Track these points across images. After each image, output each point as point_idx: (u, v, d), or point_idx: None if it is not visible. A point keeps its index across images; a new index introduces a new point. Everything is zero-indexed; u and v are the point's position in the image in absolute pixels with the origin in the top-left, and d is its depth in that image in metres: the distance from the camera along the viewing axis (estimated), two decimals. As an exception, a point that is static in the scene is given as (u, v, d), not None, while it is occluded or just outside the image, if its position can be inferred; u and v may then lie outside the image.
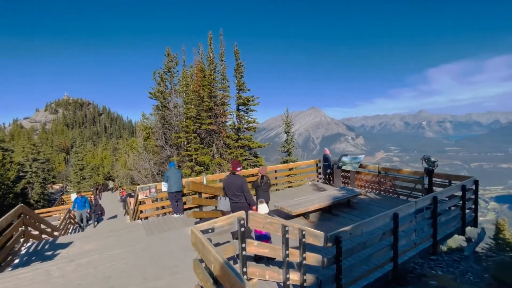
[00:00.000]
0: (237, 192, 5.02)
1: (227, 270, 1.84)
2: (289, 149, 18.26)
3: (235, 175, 5.18)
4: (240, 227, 3.18)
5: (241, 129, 13.93)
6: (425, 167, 8.15)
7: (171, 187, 8.23)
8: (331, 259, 4.26)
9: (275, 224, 3.60)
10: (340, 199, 8.57)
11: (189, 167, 12.54)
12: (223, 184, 5.26)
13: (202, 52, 15.28)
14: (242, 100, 13.31)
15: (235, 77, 13.66)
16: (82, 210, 12.61)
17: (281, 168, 11.98)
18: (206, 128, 13.27)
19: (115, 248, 5.50)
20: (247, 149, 13.63)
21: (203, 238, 2.54)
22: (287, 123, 18.75)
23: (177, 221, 7.87)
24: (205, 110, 13.18)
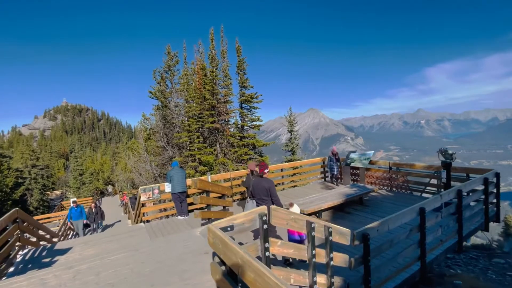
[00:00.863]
0: (264, 196, 4.78)
1: (267, 275, 1.43)
2: (293, 148, 17.86)
3: (262, 178, 4.90)
4: (262, 224, 2.77)
5: (244, 127, 13.55)
6: (442, 161, 7.73)
7: (175, 188, 7.81)
8: (359, 259, 3.85)
9: (299, 220, 3.19)
10: (352, 197, 8.16)
11: (193, 167, 12.12)
12: (246, 185, 5.36)
13: (203, 50, 14.94)
14: (245, 97, 12.92)
15: (238, 74, 13.29)
16: (78, 221, 11.58)
17: (286, 167, 11.55)
18: (209, 127, 12.84)
19: (118, 253, 5.07)
20: (251, 148, 13.23)
21: (226, 236, 2.12)
22: (290, 122, 18.35)
23: (181, 223, 7.43)
24: (207, 108, 12.79)
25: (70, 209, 11.73)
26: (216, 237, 2.26)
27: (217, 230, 2.28)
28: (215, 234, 2.27)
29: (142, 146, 14.96)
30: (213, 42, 13.57)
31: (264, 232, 2.79)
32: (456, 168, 8.34)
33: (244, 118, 13.47)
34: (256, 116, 13.34)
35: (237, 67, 13.20)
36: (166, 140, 13.95)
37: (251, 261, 1.65)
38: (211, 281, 3.26)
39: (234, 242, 1.99)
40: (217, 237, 2.23)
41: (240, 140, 13.09)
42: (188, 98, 13.37)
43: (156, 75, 15.52)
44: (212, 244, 2.36)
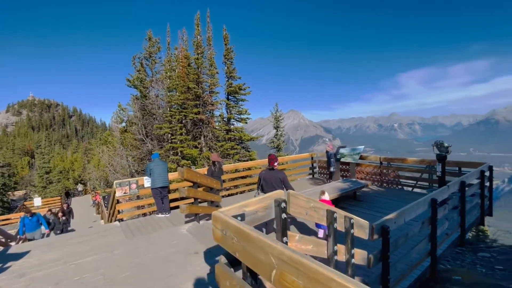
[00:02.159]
0: (277, 186, 4.67)
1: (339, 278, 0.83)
2: (279, 144, 17.43)
3: (274, 170, 4.83)
4: (280, 212, 2.16)
5: (231, 120, 12.81)
6: (437, 154, 7.56)
7: (155, 182, 6.97)
8: (377, 255, 3.35)
9: (319, 210, 2.62)
10: (347, 191, 7.76)
11: (174, 161, 11.17)
12: (259, 178, 4.94)
13: (186, 38, 13.96)
14: (232, 88, 12.18)
15: (224, 63, 12.52)
16: (35, 232, 8.85)
17: (263, 163, 10.90)
18: (193, 118, 11.93)
19: (86, 256, 4.20)
20: (238, 142, 12.53)
21: (245, 226, 1.48)
22: (277, 118, 17.91)
23: (163, 221, 6.60)
24: (191, 98, 11.89)
25: (22, 219, 8.73)
26: (227, 228, 1.60)
27: (229, 219, 1.63)
28: (226, 223, 1.61)
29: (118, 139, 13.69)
30: (198, 27, 12.66)
31: (282, 223, 2.18)
32: (448, 162, 8.25)
33: (230, 110, 12.73)
34: (243, 109, 12.67)
35: (224, 56, 12.42)
36: (145, 132, 12.82)
37: (304, 261, 1.03)
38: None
39: (262, 234, 1.36)
40: (230, 227, 1.58)
41: (226, 133, 12.34)
42: (171, 86, 12.36)
43: (135, 61, 14.28)
44: (221, 237, 1.70)
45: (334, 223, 2.63)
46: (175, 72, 12.76)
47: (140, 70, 13.96)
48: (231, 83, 12.29)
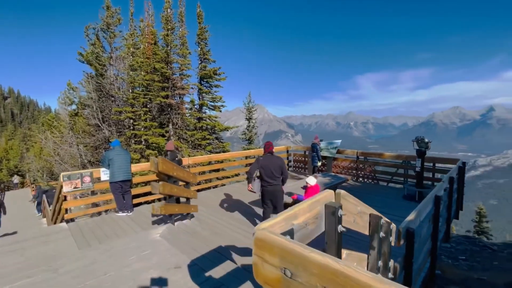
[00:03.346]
0: (276, 173, 4.58)
1: None
2: (251, 137, 16.74)
3: (273, 155, 4.73)
4: (336, 223, 1.45)
5: (203, 108, 11.64)
6: (417, 149, 7.59)
7: (116, 175, 5.77)
8: (401, 262, 2.88)
9: (364, 215, 1.99)
10: (330, 186, 7.40)
11: (138, 151, 9.72)
12: (255, 165, 4.66)
13: (153, 13, 12.18)
14: (206, 72, 10.98)
15: (198, 44, 11.21)
16: None
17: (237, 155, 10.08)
18: (161, 102, 10.48)
19: (16, 275, 3.02)
20: (211, 131, 11.46)
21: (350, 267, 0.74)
22: (249, 109, 17.15)
23: (126, 222, 5.46)
24: (159, 79, 10.39)
25: None
26: (298, 265, 0.84)
27: (302, 248, 0.86)
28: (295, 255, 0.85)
29: (66, 124, 11.53)
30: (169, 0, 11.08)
31: (338, 239, 1.48)
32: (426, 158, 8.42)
33: (203, 96, 11.54)
34: (217, 96, 11.58)
35: (198, 36, 11.10)
36: (102, 117, 10.96)
37: None
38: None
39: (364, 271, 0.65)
40: (305, 264, 0.82)
41: (198, 121, 11.16)
42: (134, 65, 10.67)
43: (89, 33, 12.02)
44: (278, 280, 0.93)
45: (380, 231, 2.02)
46: (141, 48, 11.06)
47: (95, 44, 11.83)
48: (205, 66, 11.08)
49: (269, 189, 4.70)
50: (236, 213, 6.22)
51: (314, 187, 5.11)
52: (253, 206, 6.76)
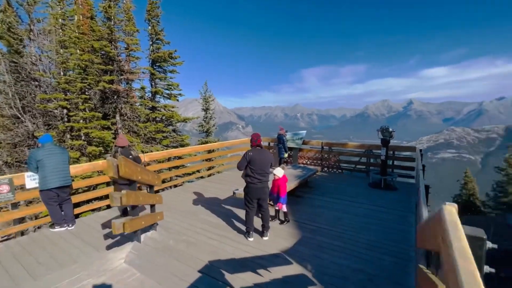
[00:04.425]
0: (267, 169, 4.26)
1: None
2: (209, 128, 15.73)
3: (262, 149, 4.30)
4: (482, 261, 0.93)
5: (157, 96, 10.09)
6: (382, 138, 7.85)
7: (49, 180, 4.44)
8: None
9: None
10: (303, 178, 7.16)
11: (76, 148, 7.87)
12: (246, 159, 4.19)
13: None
14: (160, 54, 9.44)
15: (148, 21, 9.51)
16: None
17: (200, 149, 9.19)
18: (104, 88, 8.63)
19: None
20: (167, 123, 10.06)
21: None
22: (206, 99, 16.02)
23: (67, 240, 4.22)
24: (101, 61, 8.50)
25: None
26: None
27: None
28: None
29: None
30: (110, -36, 9.09)
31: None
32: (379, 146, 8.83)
33: (156, 82, 10.02)
34: (174, 82, 10.17)
35: (148, 12, 9.42)
36: (21, 106, 8.53)
37: None
38: None
39: None
40: None
41: (151, 111, 9.66)
42: (67, 40, 8.48)
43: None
44: None
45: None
46: (74, 20, 8.85)
47: (6, 11, 9.05)
48: (158, 48, 9.55)
49: (258, 187, 4.21)
50: (207, 215, 5.45)
51: (282, 179, 4.82)
52: (225, 205, 6.06)
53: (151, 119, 9.76)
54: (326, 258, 3.85)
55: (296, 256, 3.89)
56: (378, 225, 4.98)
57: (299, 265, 3.68)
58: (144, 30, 9.85)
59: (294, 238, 4.47)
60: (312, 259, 3.80)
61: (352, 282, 3.26)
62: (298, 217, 5.38)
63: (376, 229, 4.82)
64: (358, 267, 3.59)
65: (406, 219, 5.28)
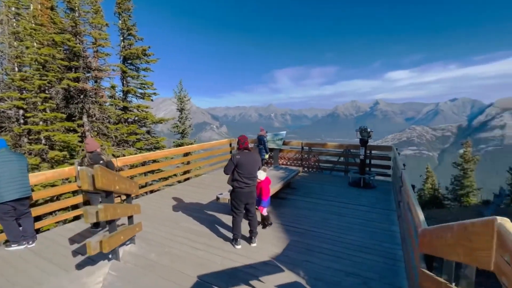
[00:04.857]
0: (255, 173, 4.07)
1: None
2: (184, 129, 15.13)
3: (250, 152, 4.09)
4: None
5: (129, 95, 9.33)
6: (360, 138, 8.06)
7: (5, 192, 3.87)
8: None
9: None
10: (286, 180, 7.12)
11: (35, 153, 6.95)
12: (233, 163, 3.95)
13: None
14: (132, 51, 8.71)
15: (118, 15, 8.73)
16: None
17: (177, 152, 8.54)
18: (69, 86, 7.74)
19: None
20: (141, 124, 9.35)
21: None
22: (181, 99, 15.40)
23: (28, 260, 3.67)
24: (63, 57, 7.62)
25: None
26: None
27: None
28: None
29: None
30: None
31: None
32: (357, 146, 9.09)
33: (128, 81, 9.27)
34: (147, 81, 9.49)
35: (118, 5, 8.67)
36: None
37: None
38: None
39: None
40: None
41: (123, 112, 8.91)
42: (22, 32, 7.46)
43: None
44: None
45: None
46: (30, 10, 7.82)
47: None
48: (130, 44, 8.83)
49: (245, 191, 4.02)
50: (189, 222, 5.14)
51: (264, 181, 4.69)
52: (208, 211, 5.78)
53: (123, 120, 9.04)
54: (317, 262, 3.77)
55: (287, 263, 3.76)
56: (363, 225, 5.04)
57: (291, 272, 3.56)
58: (114, 24, 9.11)
59: (282, 243, 4.34)
60: (304, 265, 3.70)
61: (347, 286, 3.20)
62: (285, 220, 5.27)
63: (362, 229, 4.86)
64: (350, 270, 3.55)
65: (389, 218, 5.42)
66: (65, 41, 7.78)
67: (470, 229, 1.16)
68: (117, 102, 9.04)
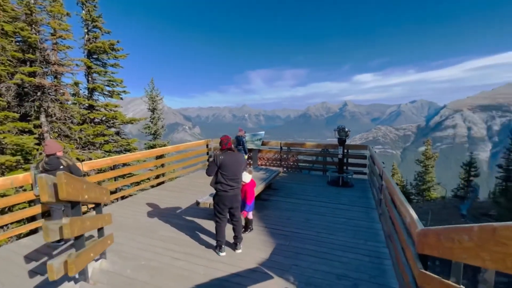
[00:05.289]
0: (240, 175, 3.87)
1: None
2: (157, 130, 14.38)
3: (234, 152, 3.86)
4: None
5: (95, 93, 8.44)
6: (338, 138, 8.20)
7: None
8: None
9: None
10: (268, 181, 7.01)
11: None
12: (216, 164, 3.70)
13: None
14: (98, 45, 7.87)
15: (82, 5, 7.85)
16: None
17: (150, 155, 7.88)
18: (23, 82, 6.75)
19: None
20: (109, 125, 8.53)
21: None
22: (152, 98, 14.62)
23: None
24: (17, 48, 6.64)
25: None
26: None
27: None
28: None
29: None
30: None
31: None
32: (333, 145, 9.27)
33: (94, 77, 8.41)
34: (117, 78, 8.70)
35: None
36: None
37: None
38: None
39: None
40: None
41: (89, 111, 8.04)
42: None
43: None
44: None
45: None
46: None
47: None
48: (97, 36, 7.99)
49: (230, 194, 3.79)
50: (167, 230, 4.78)
51: (250, 184, 4.50)
52: (186, 216, 5.43)
53: (89, 121, 8.21)
54: (306, 266, 3.66)
55: (275, 268, 3.60)
56: (346, 224, 5.06)
57: (280, 278, 3.40)
58: (77, 14, 8.24)
59: (268, 247, 4.18)
60: (293, 269, 3.57)
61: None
62: (269, 222, 5.12)
63: (345, 228, 4.88)
64: (340, 272, 3.49)
65: (369, 215, 5.51)
66: (17, 30, 6.85)
67: (504, 233, 1.06)
68: (82, 101, 8.19)
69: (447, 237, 1.60)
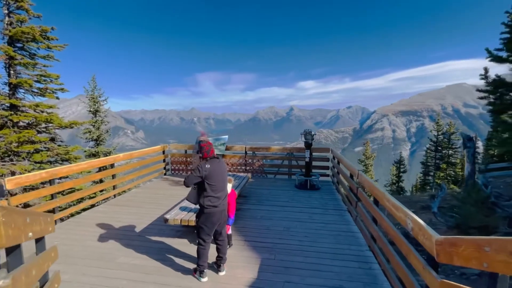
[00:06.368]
0: (225, 180, 3.42)
1: None
2: (100, 135, 12.54)
3: (221, 160, 3.42)
4: None
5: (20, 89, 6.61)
6: (305, 141, 8.27)
7: None
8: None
9: None
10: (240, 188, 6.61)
11: None
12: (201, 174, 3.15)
13: None
14: (24, 30, 6.13)
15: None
16: None
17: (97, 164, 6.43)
18: None
19: None
20: (41, 129, 6.76)
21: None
22: (94, 99, 12.73)
23: None
24: None
25: None
26: None
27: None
28: None
29: None
30: None
31: None
32: (300, 148, 9.39)
33: (18, 71, 6.56)
34: (51, 74, 6.97)
35: None
36: None
37: None
38: None
39: None
40: None
41: (10, 112, 6.22)
42: None
43: None
44: None
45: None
46: None
47: None
48: (23, 20, 6.24)
49: (219, 210, 3.28)
50: (129, 256, 3.98)
51: (231, 195, 4.16)
52: (150, 236, 4.65)
53: (11, 124, 6.42)
54: (298, 281, 3.40)
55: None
56: (325, 229, 5.00)
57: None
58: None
59: (254, 263, 3.79)
60: (286, 287, 3.26)
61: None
62: (248, 235, 4.73)
63: (326, 233, 4.80)
64: (334, 283, 3.32)
65: (344, 218, 5.58)
66: None
67: None
68: (1, 99, 6.38)
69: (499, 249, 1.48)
